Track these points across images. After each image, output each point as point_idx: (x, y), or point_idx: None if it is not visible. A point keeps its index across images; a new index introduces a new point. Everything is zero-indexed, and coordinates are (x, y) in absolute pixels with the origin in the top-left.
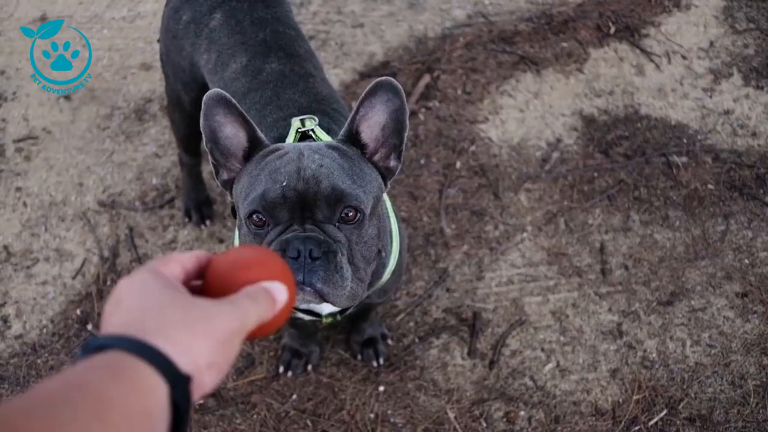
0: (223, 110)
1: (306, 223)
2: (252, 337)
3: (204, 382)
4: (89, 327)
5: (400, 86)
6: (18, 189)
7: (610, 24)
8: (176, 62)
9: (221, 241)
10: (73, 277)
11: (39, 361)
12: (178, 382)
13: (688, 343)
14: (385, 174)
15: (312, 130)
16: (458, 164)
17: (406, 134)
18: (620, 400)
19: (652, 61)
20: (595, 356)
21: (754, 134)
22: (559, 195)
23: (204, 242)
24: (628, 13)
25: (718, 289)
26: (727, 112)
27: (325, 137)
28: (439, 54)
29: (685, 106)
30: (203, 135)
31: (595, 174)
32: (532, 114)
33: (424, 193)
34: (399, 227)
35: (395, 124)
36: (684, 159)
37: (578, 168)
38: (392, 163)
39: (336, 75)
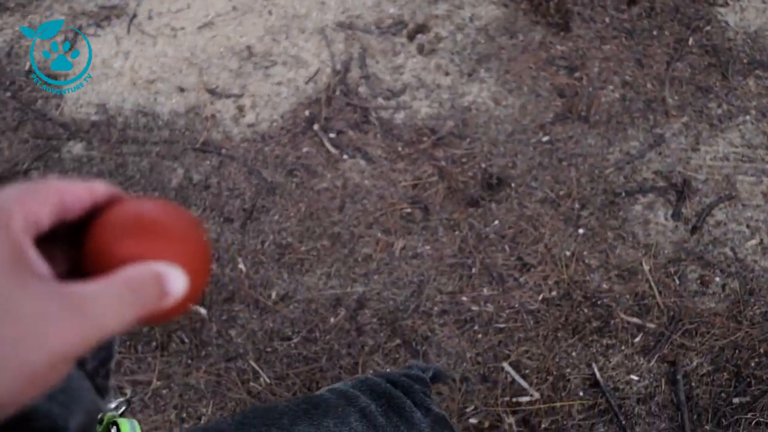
0: None
1: None
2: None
3: None
4: (315, 127)
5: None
6: None
7: None
8: None
9: None
10: (306, 83)
11: (266, 149)
12: None
13: None
14: None
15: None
16: (690, 41)
17: None
18: None
19: None
20: None
21: None
22: None
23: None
24: None
25: None
26: None
27: None
28: None
29: None
30: None
31: None
32: None
33: (651, 62)
34: None
35: None
36: None
37: None
38: None
39: None
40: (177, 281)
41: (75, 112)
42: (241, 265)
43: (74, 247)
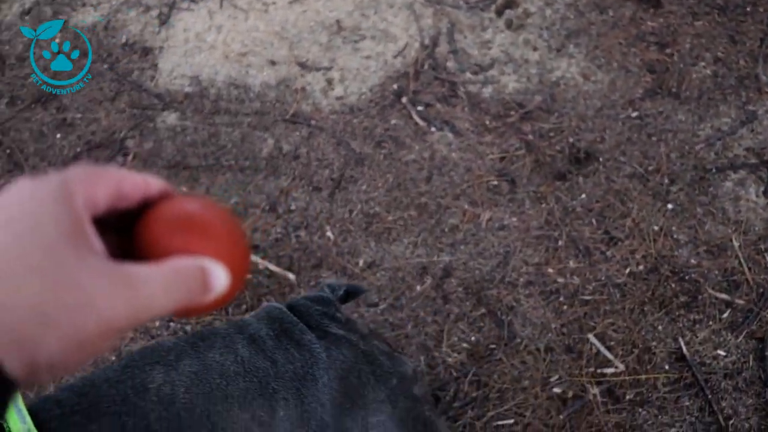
0: None
1: None
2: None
3: (38, 379)
4: (403, 100)
5: None
6: None
7: None
8: None
9: None
10: (395, 57)
11: (355, 120)
12: None
13: None
14: None
15: None
16: None
17: None
18: None
19: None
20: None
21: None
22: None
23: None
24: None
25: None
26: None
27: None
28: None
29: None
30: None
31: None
32: None
33: (744, 38)
34: None
35: None
36: None
37: None
38: None
39: None
40: (220, 278)
41: (169, 83)
42: (329, 233)
43: (118, 235)
